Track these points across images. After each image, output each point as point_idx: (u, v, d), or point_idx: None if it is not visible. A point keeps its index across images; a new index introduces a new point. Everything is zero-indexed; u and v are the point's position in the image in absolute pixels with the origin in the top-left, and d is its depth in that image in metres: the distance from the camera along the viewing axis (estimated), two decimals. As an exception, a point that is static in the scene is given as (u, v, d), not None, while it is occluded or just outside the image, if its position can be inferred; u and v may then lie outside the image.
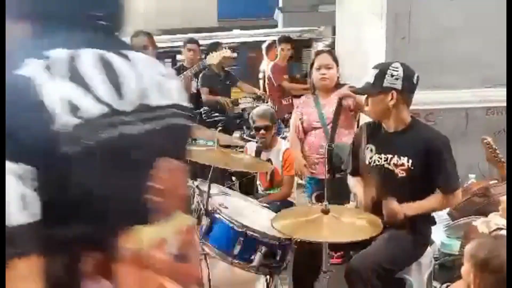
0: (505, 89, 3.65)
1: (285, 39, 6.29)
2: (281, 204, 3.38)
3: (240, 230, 2.20)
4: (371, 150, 2.60)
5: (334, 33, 6.33)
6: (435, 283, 2.86)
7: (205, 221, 2.29)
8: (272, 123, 3.57)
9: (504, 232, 2.45)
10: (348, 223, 2.03)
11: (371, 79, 2.47)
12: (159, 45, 5.01)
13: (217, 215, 2.26)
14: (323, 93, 3.44)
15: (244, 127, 5.22)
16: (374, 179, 2.55)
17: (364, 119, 3.43)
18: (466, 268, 1.73)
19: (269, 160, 3.61)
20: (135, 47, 4.12)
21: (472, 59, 3.96)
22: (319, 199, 3.67)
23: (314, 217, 2.04)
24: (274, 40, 6.62)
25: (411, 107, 2.58)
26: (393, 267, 2.45)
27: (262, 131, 3.53)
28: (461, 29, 3.98)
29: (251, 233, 2.20)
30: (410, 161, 2.44)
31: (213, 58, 3.82)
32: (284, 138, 4.36)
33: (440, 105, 3.98)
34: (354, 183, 2.77)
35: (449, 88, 4.00)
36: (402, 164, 2.46)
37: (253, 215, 2.55)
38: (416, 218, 2.44)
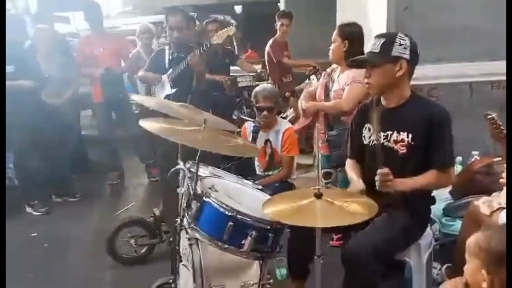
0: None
1: (284, 14, 6.11)
2: (280, 186, 3.31)
3: (229, 214, 2.12)
4: (369, 130, 2.50)
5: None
6: (435, 264, 2.80)
7: (194, 205, 2.21)
8: (276, 104, 3.49)
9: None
10: (342, 207, 1.93)
11: (376, 49, 2.35)
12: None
13: (206, 199, 2.18)
14: (341, 67, 3.47)
15: (244, 107, 5.09)
16: (374, 159, 2.42)
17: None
18: (473, 266, 1.55)
19: (268, 140, 3.52)
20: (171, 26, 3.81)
21: (475, 31, 3.82)
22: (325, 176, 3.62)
23: (306, 202, 1.94)
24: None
25: (413, 82, 2.47)
26: (391, 249, 2.39)
27: (265, 112, 3.43)
28: (463, 0, 3.84)
29: (241, 217, 2.12)
30: (410, 135, 2.35)
31: (220, 37, 3.71)
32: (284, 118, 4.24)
33: (443, 79, 3.86)
34: (350, 168, 2.65)
35: (452, 61, 3.87)
36: (402, 140, 2.36)
37: (246, 198, 2.46)
38: (414, 197, 2.35)
